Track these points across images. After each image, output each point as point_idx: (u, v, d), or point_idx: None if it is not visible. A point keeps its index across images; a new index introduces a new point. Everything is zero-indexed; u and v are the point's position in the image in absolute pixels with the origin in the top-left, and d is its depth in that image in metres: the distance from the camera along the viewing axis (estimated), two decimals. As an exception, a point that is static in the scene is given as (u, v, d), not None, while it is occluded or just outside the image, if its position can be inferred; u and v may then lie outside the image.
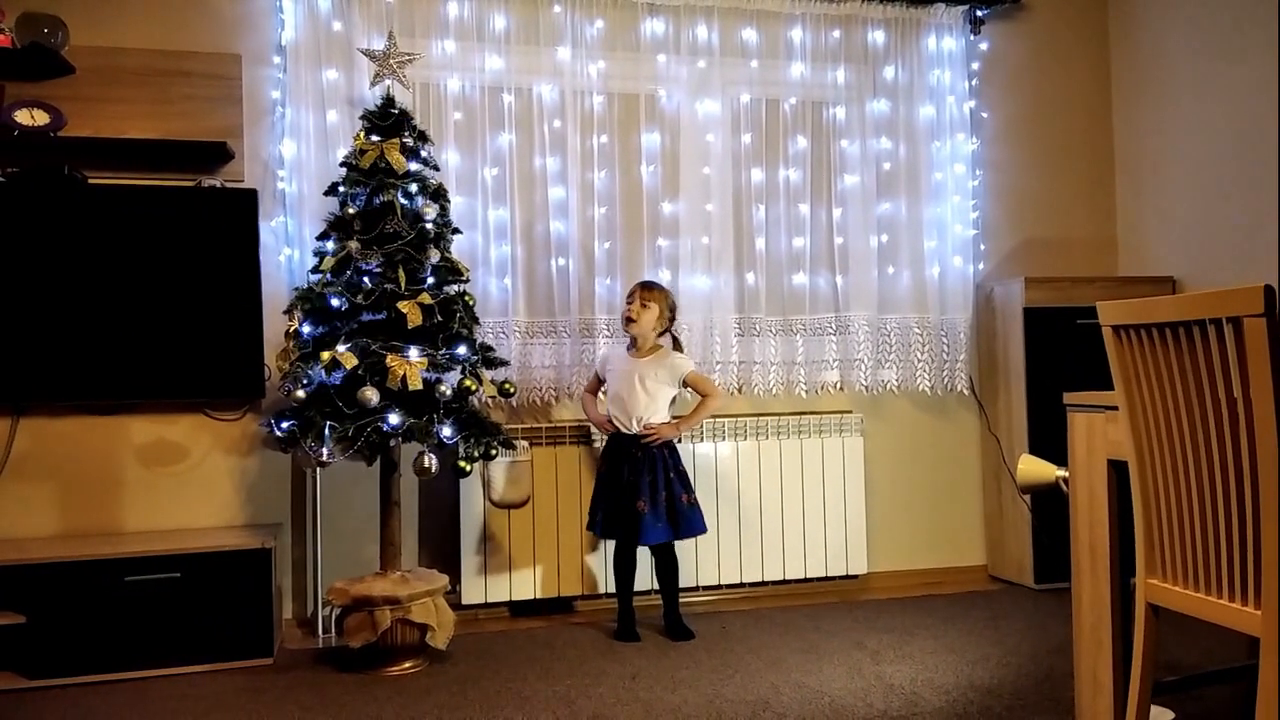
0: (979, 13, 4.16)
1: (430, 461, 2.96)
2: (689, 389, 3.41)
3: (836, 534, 3.90)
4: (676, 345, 3.47)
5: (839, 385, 4.00)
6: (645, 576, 3.54)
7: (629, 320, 3.34)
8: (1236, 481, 1.64)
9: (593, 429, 3.61)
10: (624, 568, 3.38)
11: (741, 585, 3.84)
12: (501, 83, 3.68)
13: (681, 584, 3.46)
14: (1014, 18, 4.30)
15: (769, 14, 3.95)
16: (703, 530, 3.36)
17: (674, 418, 3.40)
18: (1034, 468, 2.41)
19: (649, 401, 3.32)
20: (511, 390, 3.20)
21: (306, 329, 3.00)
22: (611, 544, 3.56)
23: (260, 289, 3.37)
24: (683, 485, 3.34)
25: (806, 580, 3.90)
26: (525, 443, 3.59)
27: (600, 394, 3.48)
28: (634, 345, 3.40)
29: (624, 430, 3.32)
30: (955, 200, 4.10)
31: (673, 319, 3.43)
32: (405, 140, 3.08)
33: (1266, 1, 3.63)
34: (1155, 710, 2.22)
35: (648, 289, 3.38)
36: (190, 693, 2.84)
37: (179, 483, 3.44)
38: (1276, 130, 3.62)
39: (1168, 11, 4.12)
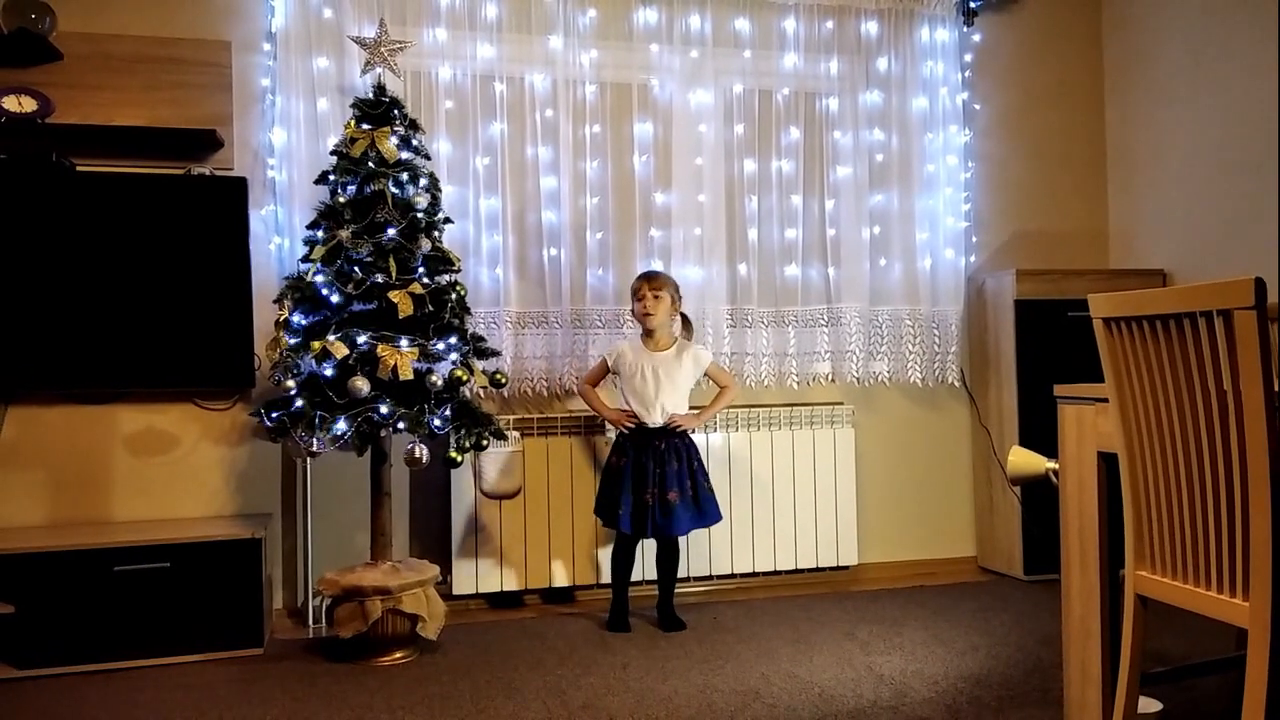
0: (972, 4, 4.15)
1: (421, 452, 2.96)
2: (708, 379, 3.43)
3: (827, 525, 3.91)
4: (687, 323, 3.47)
5: (830, 377, 4.00)
6: (640, 566, 3.55)
7: (647, 315, 3.33)
8: (1226, 474, 1.64)
9: (605, 423, 3.57)
10: (625, 559, 3.38)
11: (733, 576, 3.85)
12: (493, 71, 3.67)
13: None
14: (1007, 10, 4.29)
15: (762, 4, 3.94)
16: (720, 517, 3.38)
17: (692, 408, 3.41)
18: (1024, 459, 2.41)
19: (673, 393, 3.32)
20: (503, 381, 3.19)
21: (297, 318, 2.99)
22: (605, 533, 3.56)
23: (250, 278, 3.35)
24: (703, 473, 3.37)
25: (797, 571, 3.91)
26: (517, 433, 3.59)
27: (609, 386, 3.47)
28: (649, 338, 3.38)
29: (649, 424, 3.31)
30: (947, 192, 4.11)
31: (680, 302, 3.44)
32: (396, 129, 3.06)
33: (1259, -5, 3.64)
34: (1143, 701, 2.23)
35: (653, 280, 3.37)
36: (180, 683, 2.84)
37: (168, 472, 3.42)
38: (1276, 124, 3.62)
39: (1160, 5, 4.12)
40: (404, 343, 2.92)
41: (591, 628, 3.34)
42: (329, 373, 2.89)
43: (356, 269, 2.96)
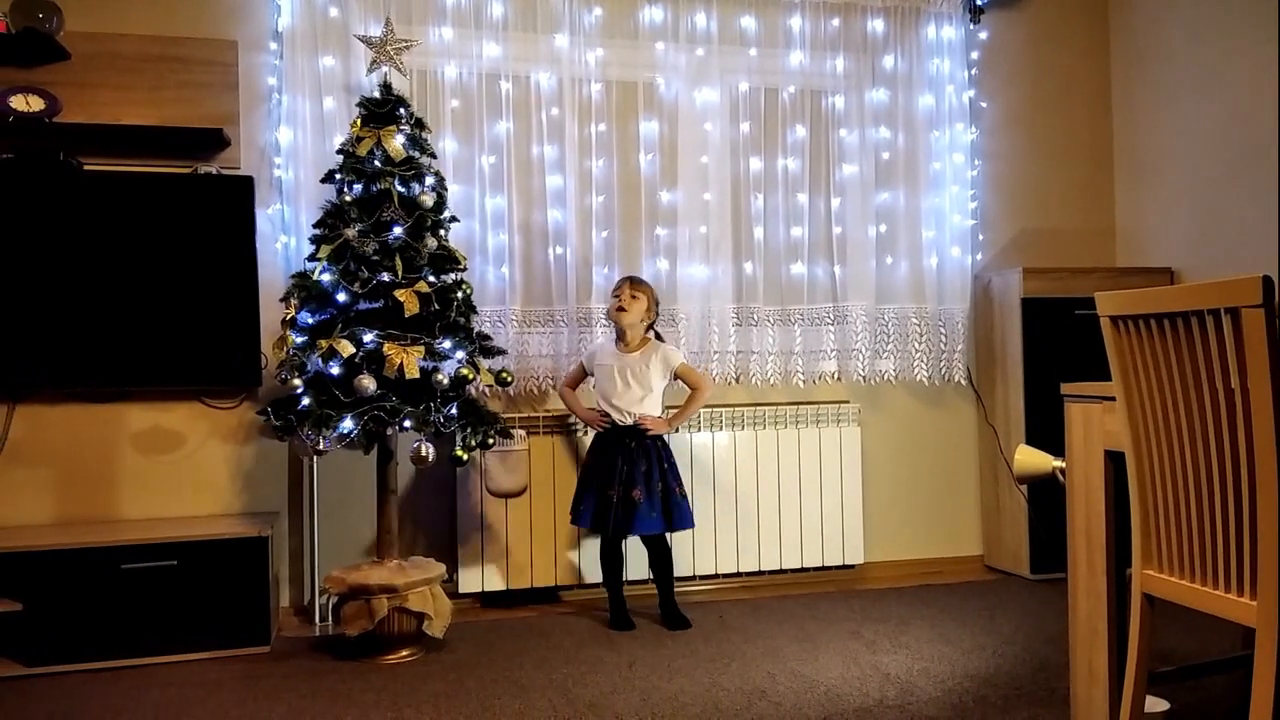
0: (978, 2, 4.14)
1: (427, 450, 2.96)
2: (679, 380, 3.42)
3: (833, 524, 3.90)
4: (658, 338, 3.48)
5: (836, 375, 4.00)
6: (640, 566, 3.56)
7: (620, 310, 3.35)
8: (1233, 472, 1.64)
9: (577, 422, 3.60)
10: (612, 560, 3.39)
11: (739, 575, 3.85)
12: (499, 70, 3.67)
13: (679, 574, 3.46)
14: (1014, 7, 4.28)
15: (768, 2, 3.93)
16: (690, 525, 3.36)
17: (668, 408, 3.40)
18: (1031, 458, 2.41)
19: (643, 394, 3.32)
20: (509, 379, 3.19)
21: (303, 317, 3.00)
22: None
23: (256, 277, 3.36)
24: (675, 477, 3.35)
25: (803, 570, 3.90)
26: (522, 432, 3.59)
27: (589, 388, 3.48)
28: (621, 339, 3.40)
29: (618, 423, 3.32)
30: (954, 190, 4.10)
31: (656, 314, 3.45)
32: (402, 128, 3.07)
33: (1267, -9, 3.62)
34: (1150, 700, 2.22)
35: (636, 282, 3.40)
36: (187, 681, 2.85)
37: (176, 471, 3.43)
38: (1276, 122, 3.61)
39: (1167, 2, 4.10)
40: (410, 341, 2.92)
41: (597, 626, 3.34)
42: (335, 371, 2.90)
43: (363, 267, 2.96)
